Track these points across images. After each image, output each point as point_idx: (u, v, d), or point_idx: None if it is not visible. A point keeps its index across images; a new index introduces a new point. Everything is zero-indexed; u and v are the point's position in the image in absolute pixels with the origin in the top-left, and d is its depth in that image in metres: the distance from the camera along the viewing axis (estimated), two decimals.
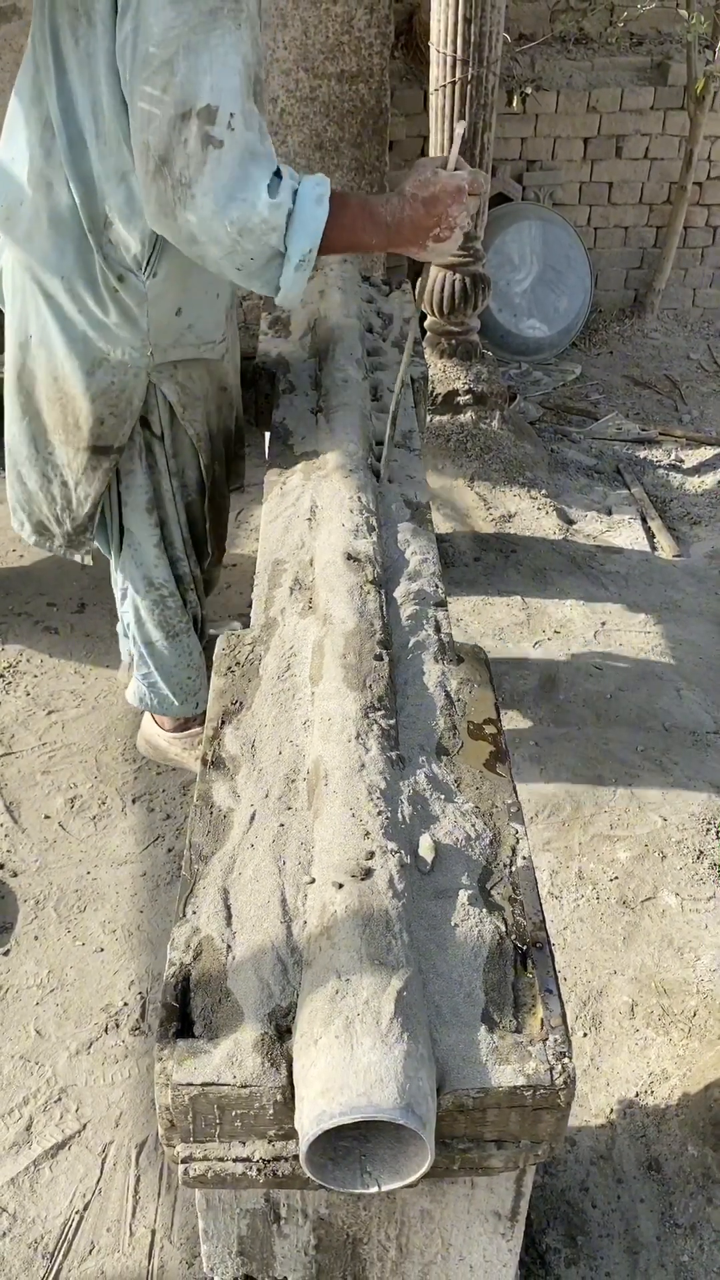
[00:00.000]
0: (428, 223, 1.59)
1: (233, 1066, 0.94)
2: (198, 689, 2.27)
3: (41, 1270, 1.52)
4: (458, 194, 1.58)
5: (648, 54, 5.12)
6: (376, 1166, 0.94)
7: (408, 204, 1.58)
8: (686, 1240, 1.58)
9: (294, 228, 1.51)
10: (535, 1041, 0.96)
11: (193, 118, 1.44)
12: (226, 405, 2.05)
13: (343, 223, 1.56)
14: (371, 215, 1.59)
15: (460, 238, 1.64)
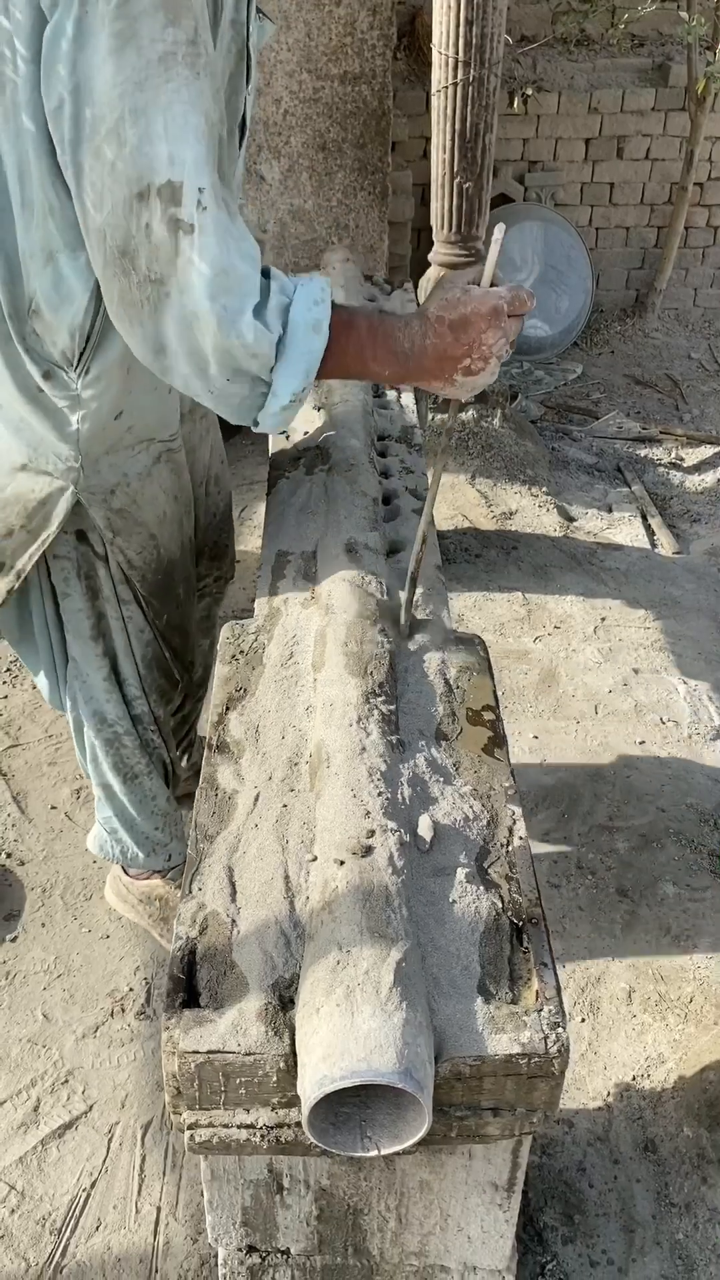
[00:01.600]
0: (456, 352, 1.26)
1: (237, 1035, 0.97)
2: (166, 840, 1.94)
3: (49, 1246, 1.56)
4: (494, 316, 1.23)
5: (649, 55, 5.15)
6: (376, 1131, 0.98)
7: (432, 329, 1.26)
8: (682, 1219, 1.61)
9: (284, 361, 1.23)
10: (530, 1012, 0.99)
11: (152, 198, 1.14)
12: (185, 511, 1.71)
13: (346, 350, 1.28)
14: (385, 342, 1.29)
15: (496, 369, 1.29)
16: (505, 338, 1.25)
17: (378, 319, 1.30)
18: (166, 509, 1.64)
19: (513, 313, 1.24)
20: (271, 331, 1.21)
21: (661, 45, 5.18)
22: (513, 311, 1.24)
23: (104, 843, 1.96)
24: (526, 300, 1.24)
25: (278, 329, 1.21)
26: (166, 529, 1.65)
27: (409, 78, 4.81)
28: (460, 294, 1.26)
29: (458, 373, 1.28)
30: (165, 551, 1.66)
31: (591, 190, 5.31)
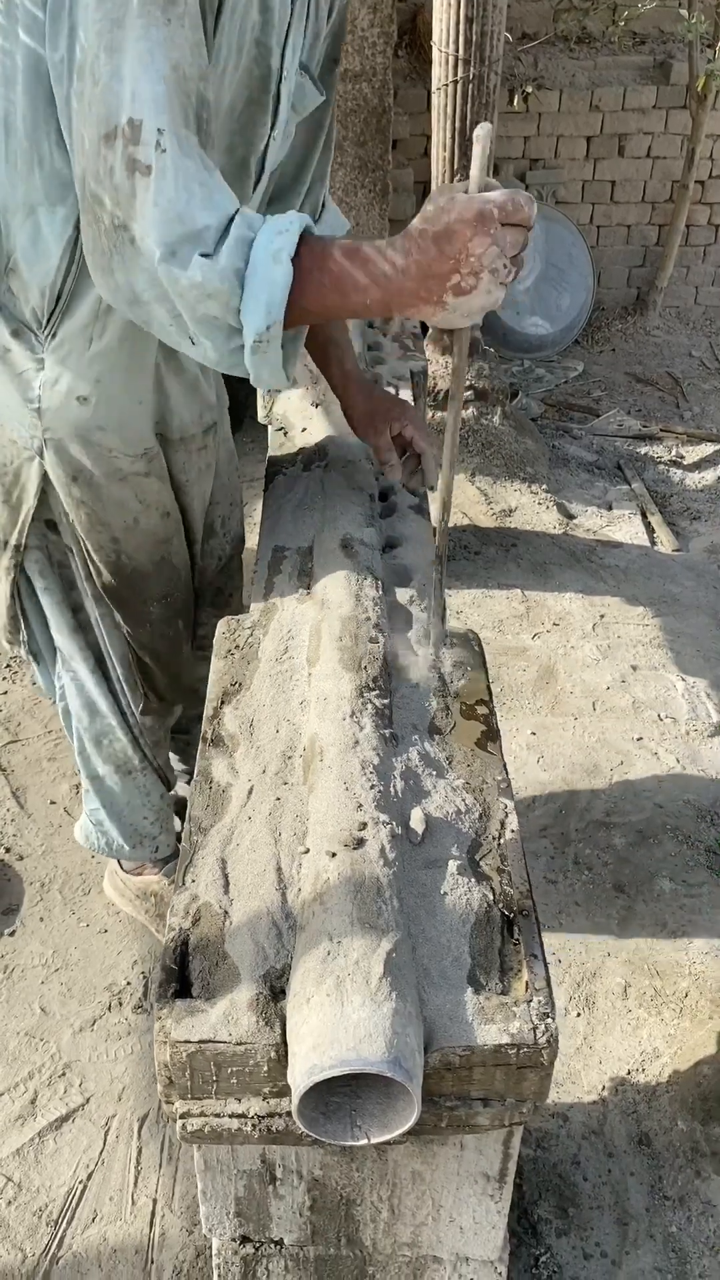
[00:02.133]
0: (441, 267, 1.10)
1: (229, 1024, 0.97)
2: (156, 833, 1.94)
3: (46, 1237, 1.57)
4: (480, 223, 1.07)
5: (650, 53, 5.15)
6: (367, 1121, 0.98)
7: (414, 244, 1.12)
8: (675, 1212, 1.62)
9: (247, 296, 1.13)
10: (520, 1003, 1.00)
11: (116, 137, 1.11)
12: (174, 532, 1.65)
13: (320, 282, 1.16)
14: (363, 266, 1.15)
15: (496, 288, 1.12)
16: (498, 248, 1.09)
17: (355, 244, 1.17)
18: (139, 519, 1.57)
19: (507, 220, 1.08)
20: (221, 264, 1.12)
21: (663, 43, 5.18)
22: (507, 219, 1.08)
23: (90, 834, 1.96)
24: (524, 205, 1.08)
25: (234, 261, 1.12)
26: (135, 539, 1.58)
27: (410, 75, 4.82)
28: (444, 201, 1.11)
29: (446, 293, 1.12)
30: (130, 561, 1.59)
31: (592, 188, 5.31)
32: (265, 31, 1.27)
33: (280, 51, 1.30)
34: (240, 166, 1.36)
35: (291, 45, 1.32)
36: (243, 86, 1.29)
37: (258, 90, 1.32)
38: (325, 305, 1.19)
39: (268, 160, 1.41)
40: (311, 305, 1.17)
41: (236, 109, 1.30)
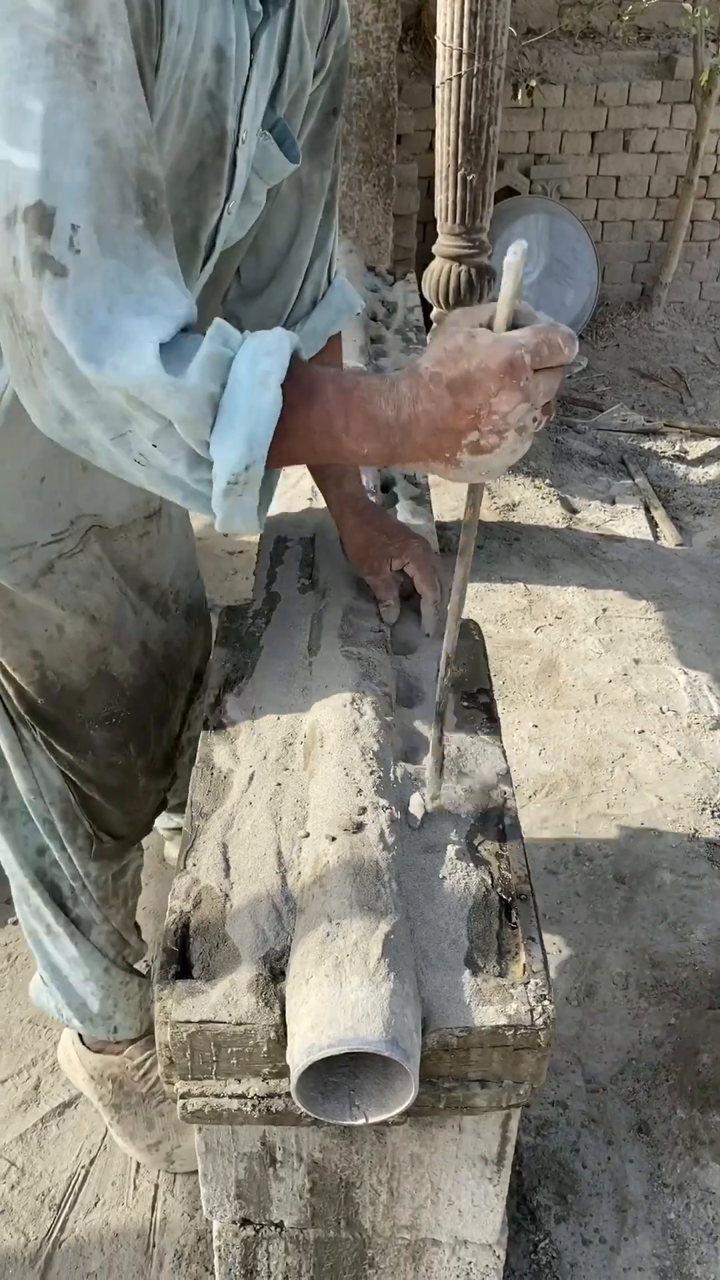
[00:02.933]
0: (458, 422, 0.90)
1: (229, 1005, 0.99)
2: (110, 1013, 1.59)
3: (49, 1221, 1.58)
4: (509, 373, 0.86)
5: (655, 48, 5.15)
6: (365, 1101, 0.99)
7: (424, 391, 0.92)
8: (674, 1199, 1.62)
9: (221, 426, 0.93)
10: (517, 985, 1.01)
11: (18, 222, 0.88)
12: (112, 640, 1.39)
13: (309, 421, 0.97)
14: (361, 408, 0.95)
15: (522, 445, 0.93)
16: (530, 402, 0.88)
17: (353, 380, 0.97)
18: (65, 627, 1.33)
19: (541, 365, 0.87)
20: (191, 385, 0.90)
21: (668, 38, 5.18)
22: (541, 365, 0.87)
23: (39, 992, 1.62)
24: (562, 346, 0.87)
25: (207, 384, 0.91)
26: (59, 650, 1.34)
27: (414, 70, 4.82)
28: (463, 341, 0.89)
29: (462, 450, 0.92)
30: (57, 678, 1.35)
31: (597, 183, 5.31)
32: (220, 84, 1.02)
33: (238, 111, 1.07)
34: (188, 239, 1.13)
35: (251, 102, 1.09)
36: (192, 148, 1.05)
37: (210, 153, 1.07)
38: (313, 449, 0.99)
39: (220, 235, 1.17)
40: (294, 448, 0.98)
41: (185, 173, 1.07)
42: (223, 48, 1.00)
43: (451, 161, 3.59)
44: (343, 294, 1.49)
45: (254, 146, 1.16)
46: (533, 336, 0.87)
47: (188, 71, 0.98)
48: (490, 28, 3.36)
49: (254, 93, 1.10)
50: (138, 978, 1.62)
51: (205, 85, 1.01)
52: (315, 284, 1.44)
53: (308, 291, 1.43)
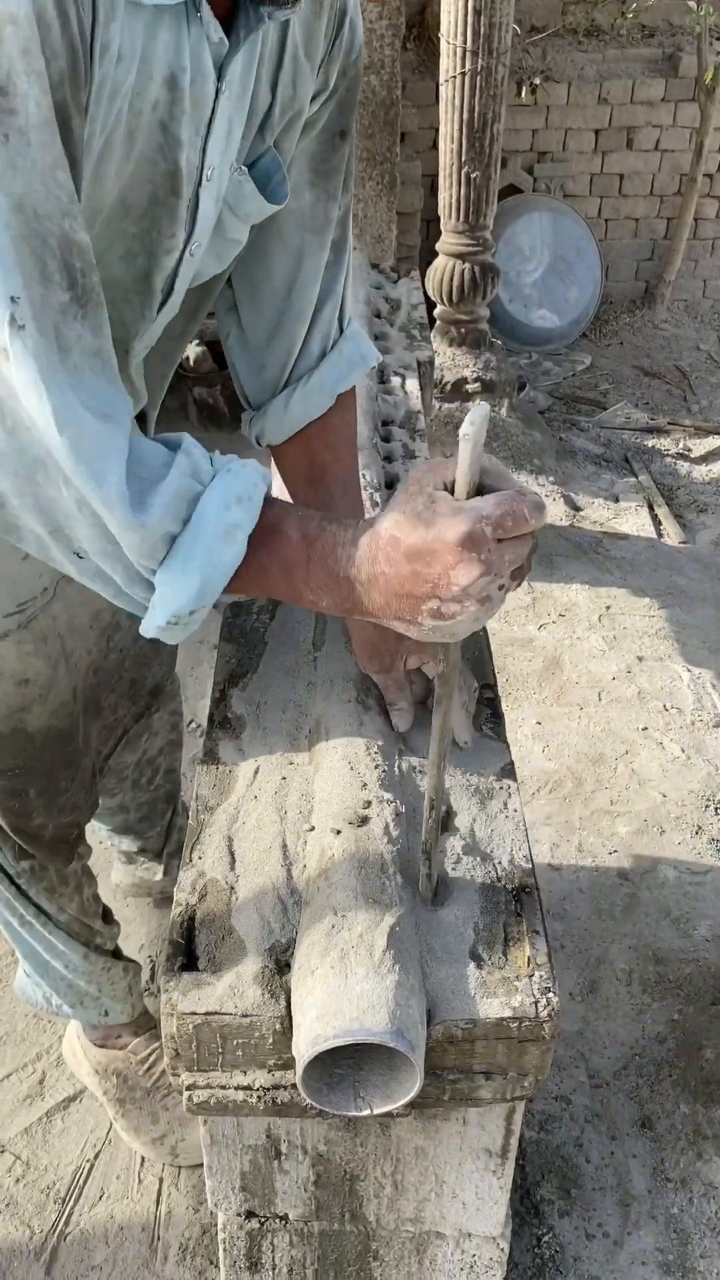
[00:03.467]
0: (415, 589, 0.85)
1: (234, 997, 0.99)
2: (97, 994, 1.58)
3: (54, 1214, 1.59)
4: (470, 546, 0.81)
5: (659, 46, 5.15)
6: (370, 1092, 1.00)
7: (382, 554, 0.86)
8: (677, 1193, 1.63)
9: (172, 566, 0.87)
10: (522, 977, 1.01)
11: None
12: (16, 703, 1.29)
13: (268, 569, 0.91)
14: (322, 562, 0.90)
15: (482, 612, 0.86)
16: (491, 574, 0.82)
17: (318, 527, 0.91)
18: None
19: (505, 537, 0.82)
20: (151, 523, 0.85)
21: (671, 35, 5.18)
22: (505, 535, 0.82)
23: (23, 986, 1.60)
24: (528, 516, 0.81)
25: (167, 524, 0.86)
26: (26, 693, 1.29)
27: (419, 68, 4.82)
28: (422, 507, 0.83)
29: (422, 614, 0.86)
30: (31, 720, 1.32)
31: (601, 181, 5.31)
32: (173, 115, 0.93)
33: (201, 145, 0.98)
34: (140, 280, 1.04)
35: (221, 136, 1.00)
36: (142, 180, 0.96)
37: (163, 189, 0.98)
38: (267, 591, 0.94)
39: (179, 278, 1.07)
40: (246, 587, 0.93)
41: (135, 208, 0.98)
42: (176, 77, 0.91)
43: (455, 159, 3.59)
44: (355, 344, 1.31)
45: (225, 182, 1.06)
46: (495, 507, 0.81)
47: (132, 101, 0.89)
48: (494, 25, 3.36)
49: (223, 125, 1.00)
50: (121, 961, 1.60)
51: (157, 115, 0.92)
52: (324, 333, 1.27)
53: (315, 341, 1.26)
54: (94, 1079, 1.70)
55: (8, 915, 1.48)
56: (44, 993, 1.57)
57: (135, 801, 1.83)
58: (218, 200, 1.06)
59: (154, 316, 1.08)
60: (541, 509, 0.83)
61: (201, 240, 1.06)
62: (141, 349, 1.13)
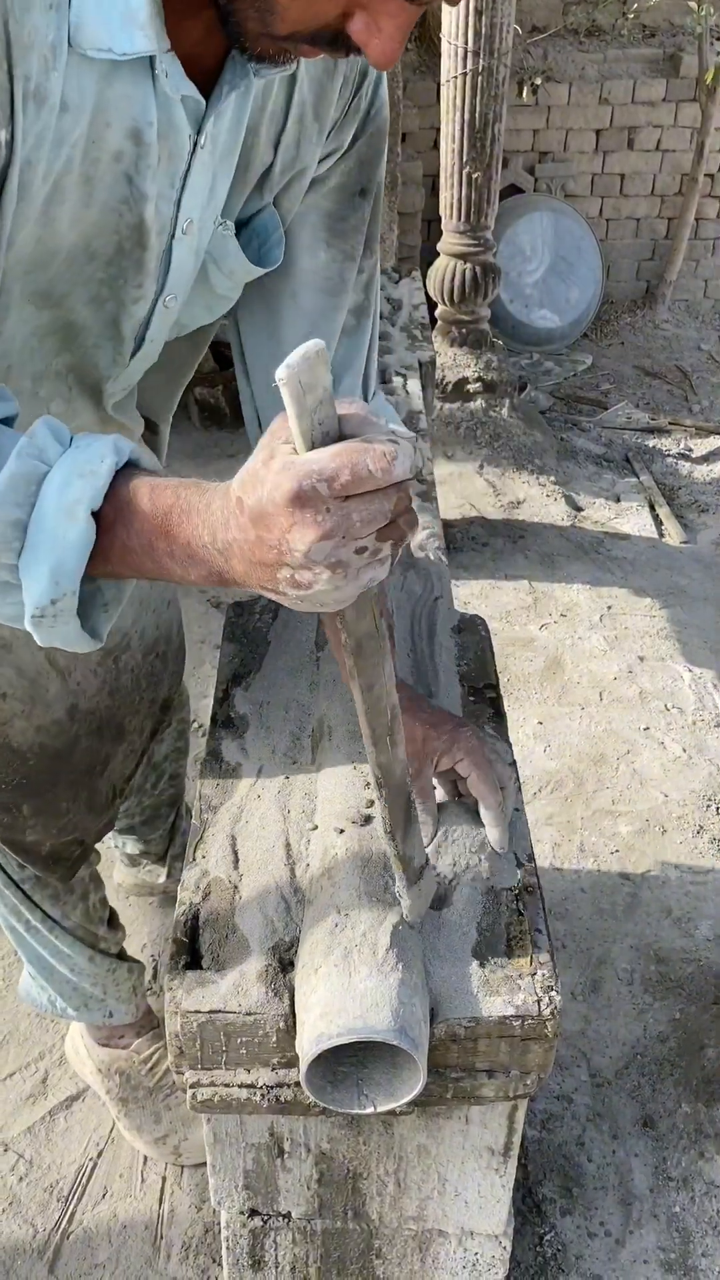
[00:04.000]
0: (264, 556, 0.76)
1: (238, 995, 0.99)
2: (102, 996, 1.57)
3: (56, 1213, 1.59)
4: (300, 505, 0.72)
5: (659, 46, 5.15)
6: (373, 1090, 1.00)
7: (232, 516, 0.78)
8: (679, 1192, 1.63)
9: (28, 554, 0.82)
10: (524, 975, 1.01)
11: None
12: (22, 709, 1.23)
13: (126, 544, 0.84)
14: (184, 531, 0.81)
15: (352, 579, 0.75)
16: (334, 538, 0.72)
17: (173, 496, 0.82)
18: None
19: (347, 492, 0.71)
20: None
21: (672, 35, 5.18)
22: (346, 491, 0.71)
23: (29, 988, 1.58)
24: (372, 468, 0.71)
25: (8, 509, 0.81)
26: None
27: (419, 68, 4.83)
28: (260, 463, 0.75)
29: (280, 583, 0.77)
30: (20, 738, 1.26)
31: (602, 181, 5.31)
32: (139, 168, 0.92)
33: (175, 198, 0.96)
34: (109, 326, 1.02)
35: (198, 191, 0.97)
36: (107, 229, 0.94)
37: (129, 240, 0.96)
38: (139, 570, 0.86)
39: (152, 327, 1.05)
40: (119, 569, 0.86)
41: (101, 254, 0.96)
42: (140, 130, 0.89)
43: (456, 159, 3.60)
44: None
45: (206, 236, 1.03)
46: (331, 460, 0.71)
47: (86, 149, 0.87)
48: (495, 26, 3.37)
49: (203, 179, 0.97)
50: (126, 963, 1.60)
51: (121, 167, 0.90)
52: None
53: None
54: (97, 1078, 1.70)
55: (12, 920, 1.47)
56: (48, 996, 1.57)
57: (139, 805, 1.83)
58: (197, 253, 1.03)
59: (126, 363, 1.06)
60: (394, 459, 0.71)
61: (177, 292, 1.03)
62: (117, 391, 1.10)
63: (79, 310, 0.98)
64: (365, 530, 0.73)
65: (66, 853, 1.39)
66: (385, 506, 0.73)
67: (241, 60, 0.90)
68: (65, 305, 0.97)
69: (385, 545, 0.75)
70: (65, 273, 0.94)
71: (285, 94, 1.01)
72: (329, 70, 1.02)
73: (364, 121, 1.09)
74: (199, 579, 0.83)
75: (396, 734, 0.94)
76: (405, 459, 0.72)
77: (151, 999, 1.77)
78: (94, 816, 1.41)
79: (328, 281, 1.14)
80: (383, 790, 0.95)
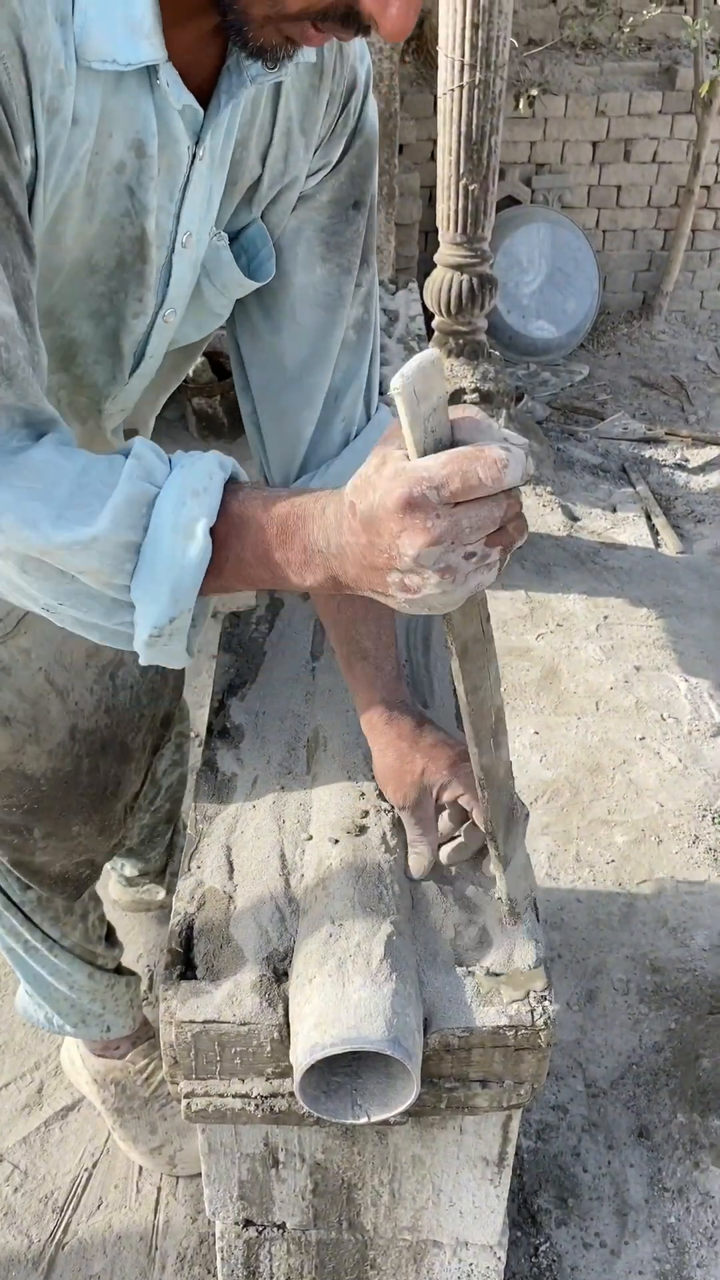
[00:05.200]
0: (376, 559, 0.77)
1: (233, 1005, 1.00)
2: (100, 1011, 1.57)
3: (51, 1223, 1.59)
4: (409, 512, 0.73)
5: (655, 59, 5.18)
6: (367, 1100, 1.00)
7: (345, 520, 0.79)
8: (674, 1203, 1.63)
9: (143, 577, 0.83)
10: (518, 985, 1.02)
11: None
12: (26, 739, 1.24)
13: (241, 557, 0.85)
14: (300, 538, 0.83)
15: (461, 583, 0.77)
16: (443, 544, 0.74)
17: (287, 505, 0.84)
18: None
19: (457, 499, 0.73)
20: (101, 532, 0.81)
21: (668, 49, 5.21)
22: (455, 498, 0.73)
23: (25, 1005, 1.58)
24: (482, 477, 0.72)
25: (123, 532, 0.81)
26: None
27: (417, 81, 4.85)
28: (373, 469, 0.77)
29: (389, 587, 0.78)
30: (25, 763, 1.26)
31: (598, 193, 5.34)
32: (141, 181, 0.91)
33: (175, 211, 0.96)
34: (109, 341, 1.01)
35: (197, 203, 0.98)
36: (109, 242, 0.94)
37: (130, 253, 0.96)
38: (250, 581, 0.88)
39: (152, 343, 1.05)
40: (229, 583, 0.88)
41: (102, 268, 0.96)
42: (143, 142, 0.89)
43: (453, 171, 3.61)
44: (383, 433, 1.13)
45: (203, 249, 1.03)
46: (442, 468, 0.72)
47: (91, 161, 0.87)
48: (492, 39, 3.38)
49: (201, 191, 0.97)
50: (124, 977, 1.60)
51: (123, 179, 0.90)
52: (347, 420, 1.19)
53: (336, 429, 1.18)
54: (92, 1088, 1.69)
55: (11, 942, 1.46)
56: (45, 1013, 1.56)
57: (138, 824, 1.82)
58: (195, 266, 1.03)
59: (126, 380, 1.06)
60: (505, 466, 0.72)
61: (177, 306, 1.03)
62: (116, 411, 1.10)
63: (79, 326, 0.98)
64: (474, 536, 0.75)
65: (76, 874, 1.40)
66: (495, 513, 0.75)
67: (237, 70, 0.91)
68: (66, 322, 0.97)
69: (494, 550, 0.76)
70: (67, 288, 0.95)
71: (271, 108, 1.01)
72: (314, 86, 1.03)
73: (352, 136, 1.09)
74: (314, 584, 0.84)
75: (501, 735, 0.95)
76: (517, 466, 0.73)
77: (147, 1009, 1.77)
78: (105, 838, 1.41)
79: (326, 297, 1.13)
80: (485, 791, 0.96)
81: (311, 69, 1.01)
